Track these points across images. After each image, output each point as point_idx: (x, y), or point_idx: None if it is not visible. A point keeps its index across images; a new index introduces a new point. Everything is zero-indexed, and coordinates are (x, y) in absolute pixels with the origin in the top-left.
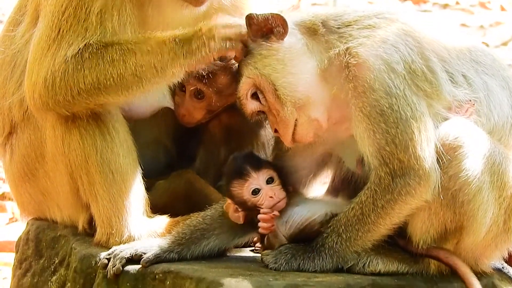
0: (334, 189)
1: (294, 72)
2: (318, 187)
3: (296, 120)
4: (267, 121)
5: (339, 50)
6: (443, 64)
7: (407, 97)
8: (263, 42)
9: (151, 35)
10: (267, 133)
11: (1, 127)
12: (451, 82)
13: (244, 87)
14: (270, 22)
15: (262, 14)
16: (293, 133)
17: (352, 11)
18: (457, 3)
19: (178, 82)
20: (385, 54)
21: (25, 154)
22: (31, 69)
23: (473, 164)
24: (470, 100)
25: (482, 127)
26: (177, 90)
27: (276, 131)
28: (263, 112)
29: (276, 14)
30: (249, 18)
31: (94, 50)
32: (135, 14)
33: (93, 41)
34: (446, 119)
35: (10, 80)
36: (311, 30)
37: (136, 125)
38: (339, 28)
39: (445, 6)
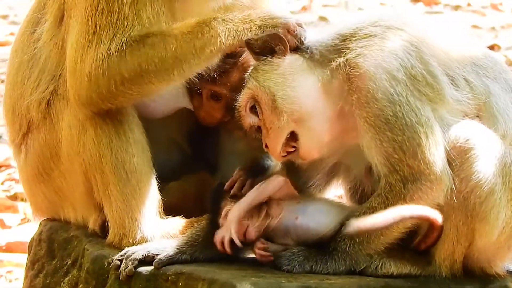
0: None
1: (294, 86)
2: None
3: (296, 134)
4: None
5: (339, 63)
6: (443, 68)
7: (411, 103)
8: (265, 58)
9: (192, 19)
10: None
11: (18, 127)
12: (452, 86)
13: (244, 98)
14: (269, 43)
15: (260, 38)
16: (298, 149)
17: (345, 26)
18: (469, 4)
19: (194, 86)
20: (385, 63)
21: (40, 153)
22: (73, 67)
23: (484, 166)
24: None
25: None
26: (194, 93)
27: (266, 146)
28: (261, 129)
29: (274, 34)
30: (248, 44)
31: (137, 39)
32: (165, 4)
33: (133, 34)
34: (452, 123)
35: (28, 80)
36: (312, 47)
37: (151, 124)
38: (335, 45)
39: (457, 7)
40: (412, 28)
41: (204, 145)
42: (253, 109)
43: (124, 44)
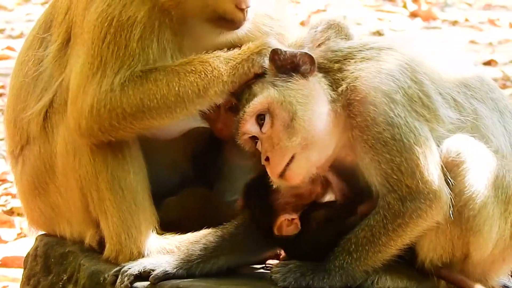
0: None
1: (315, 110)
2: None
3: (293, 156)
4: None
5: (342, 88)
6: (435, 86)
7: (409, 124)
8: (287, 76)
9: (195, 56)
10: None
11: (18, 139)
12: (445, 105)
13: (257, 105)
14: (297, 59)
15: (290, 51)
16: (285, 170)
17: (342, 47)
18: (466, 20)
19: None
20: (383, 85)
21: (35, 166)
22: (76, 97)
23: (476, 179)
24: None
25: None
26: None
27: (267, 159)
28: (254, 139)
29: (305, 53)
30: (274, 53)
31: (140, 74)
32: (173, 40)
33: (137, 69)
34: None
35: (32, 95)
36: (324, 69)
37: (154, 145)
38: (342, 64)
39: (454, 23)
40: (401, 46)
41: (207, 165)
42: (259, 118)
43: (127, 79)
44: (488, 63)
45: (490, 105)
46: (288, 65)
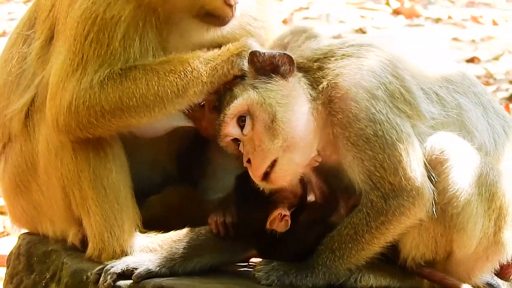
0: None
1: (296, 111)
2: None
3: (276, 159)
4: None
5: (323, 86)
6: (417, 82)
7: (391, 120)
8: (266, 78)
9: (175, 55)
10: None
11: (0, 137)
12: (428, 101)
13: (237, 108)
14: (276, 60)
15: (268, 53)
16: (270, 173)
17: (322, 45)
18: (449, 17)
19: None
20: (364, 81)
21: (16, 164)
22: (55, 93)
23: (460, 177)
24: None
25: None
26: (196, 105)
27: (249, 161)
28: (236, 141)
29: (284, 53)
30: (252, 55)
31: (119, 72)
32: (157, 39)
33: (117, 68)
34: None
35: (15, 92)
36: (303, 69)
37: (137, 144)
38: (322, 63)
39: (438, 20)
40: (381, 43)
41: (191, 164)
42: (240, 121)
43: (107, 77)
44: (471, 60)
45: (473, 99)
46: (267, 67)
